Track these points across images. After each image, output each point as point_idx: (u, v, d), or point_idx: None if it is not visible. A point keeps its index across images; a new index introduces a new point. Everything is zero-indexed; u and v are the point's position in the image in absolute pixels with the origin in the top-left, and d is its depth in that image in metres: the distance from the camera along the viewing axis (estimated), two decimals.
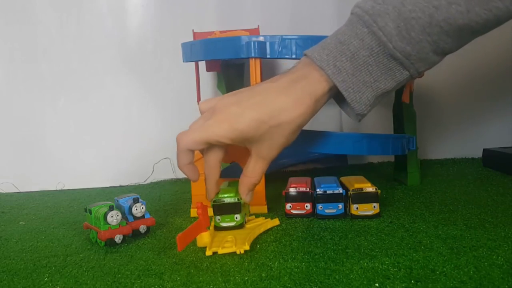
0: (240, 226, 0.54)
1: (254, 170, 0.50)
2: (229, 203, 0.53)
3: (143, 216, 0.56)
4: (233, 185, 0.56)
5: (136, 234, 0.55)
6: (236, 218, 0.54)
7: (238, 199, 0.53)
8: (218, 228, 0.54)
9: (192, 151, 0.48)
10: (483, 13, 0.43)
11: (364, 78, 0.46)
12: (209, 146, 0.48)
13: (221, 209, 0.54)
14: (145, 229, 0.56)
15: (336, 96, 0.50)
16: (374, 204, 0.58)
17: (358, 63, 0.46)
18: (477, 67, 0.95)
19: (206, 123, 0.47)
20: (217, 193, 0.54)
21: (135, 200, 0.56)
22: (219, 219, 0.54)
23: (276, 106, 0.46)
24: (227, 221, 0.54)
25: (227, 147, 0.49)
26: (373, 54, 0.45)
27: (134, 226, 0.55)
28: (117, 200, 0.57)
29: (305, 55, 0.49)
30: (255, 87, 0.49)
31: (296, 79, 0.47)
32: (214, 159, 0.49)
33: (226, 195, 0.54)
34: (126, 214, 0.56)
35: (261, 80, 0.62)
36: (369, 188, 0.59)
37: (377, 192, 0.58)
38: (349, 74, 0.46)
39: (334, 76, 0.46)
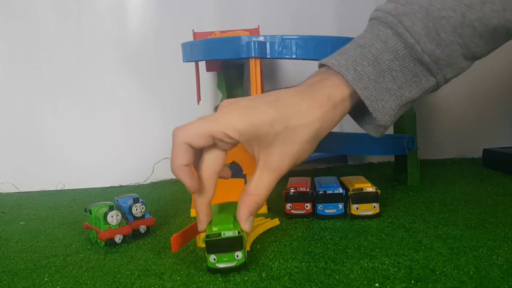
0: (242, 266, 0.42)
1: (258, 186, 0.41)
2: (228, 238, 0.41)
3: (143, 216, 0.56)
4: (227, 209, 0.46)
5: (136, 234, 0.55)
6: (237, 256, 0.42)
7: (238, 232, 0.41)
8: (212, 270, 0.42)
9: (191, 148, 0.40)
10: None
11: (387, 85, 0.41)
12: (208, 149, 0.41)
13: (218, 246, 0.41)
14: (145, 229, 0.56)
15: (352, 109, 0.45)
16: (374, 204, 0.58)
17: (381, 68, 0.41)
18: (477, 67, 0.94)
19: (213, 115, 0.40)
20: (209, 223, 0.43)
21: (135, 200, 0.56)
22: (214, 259, 0.42)
23: (291, 107, 0.40)
24: (226, 261, 0.42)
25: (227, 153, 0.42)
26: (398, 57, 0.41)
27: (134, 226, 0.55)
28: (117, 200, 0.57)
29: (320, 65, 0.44)
30: (270, 92, 0.43)
31: (312, 83, 0.42)
32: (211, 168, 0.41)
33: (222, 226, 0.42)
34: (126, 214, 0.56)
35: (261, 80, 0.62)
36: (369, 188, 0.59)
37: (377, 192, 0.58)
38: (371, 80, 0.41)
39: (355, 82, 0.41)
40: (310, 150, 0.42)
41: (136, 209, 0.56)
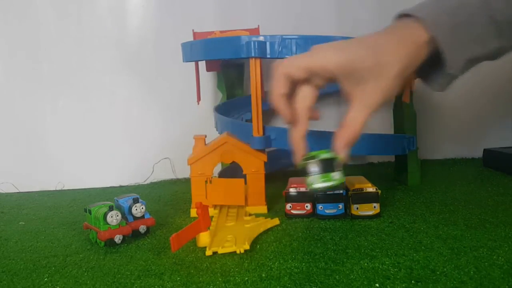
0: (340, 186, 0.47)
1: (355, 119, 0.43)
2: (325, 159, 0.45)
3: (143, 216, 0.56)
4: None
5: (136, 234, 0.55)
6: (334, 177, 0.44)
7: (335, 155, 0.45)
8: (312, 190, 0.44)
9: (290, 79, 0.43)
10: None
11: (461, 37, 0.43)
12: (303, 85, 0.44)
13: (318, 165, 0.45)
14: (145, 229, 0.56)
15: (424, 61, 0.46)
16: (375, 204, 0.58)
17: (458, 20, 0.42)
18: (477, 67, 0.94)
19: (311, 51, 0.43)
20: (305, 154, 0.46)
21: (135, 200, 0.56)
22: (311, 181, 0.44)
23: (380, 45, 0.43)
24: (323, 181, 0.44)
25: (318, 91, 0.45)
26: (474, 13, 0.42)
27: (134, 226, 0.55)
28: (117, 200, 0.57)
29: (397, 16, 0.45)
30: (354, 38, 0.45)
31: (395, 28, 0.44)
32: (305, 102, 0.45)
33: (318, 152, 0.46)
34: (126, 214, 0.56)
35: (261, 80, 0.62)
36: (370, 188, 0.59)
37: (378, 192, 0.58)
38: (449, 29, 0.42)
39: (434, 28, 0.42)
40: (398, 86, 0.44)
41: (136, 209, 0.56)
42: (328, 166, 0.45)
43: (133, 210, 0.55)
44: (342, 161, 0.46)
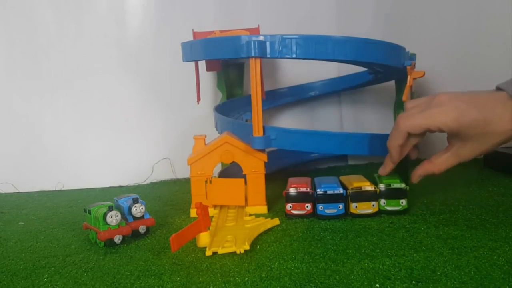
0: (405, 211, 0.59)
1: (443, 163, 0.54)
2: (398, 188, 0.59)
3: (142, 217, 0.56)
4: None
5: (135, 234, 0.55)
6: (402, 203, 0.59)
7: (405, 186, 0.60)
8: (381, 212, 0.59)
9: (409, 134, 0.54)
10: None
11: None
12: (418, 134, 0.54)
13: (388, 193, 0.59)
14: (145, 230, 0.56)
15: None
16: (373, 202, 0.58)
17: None
18: (478, 67, 0.94)
19: (430, 111, 0.52)
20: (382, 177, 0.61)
21: (135, 201, 0.56)
22: (384, 203, 0.59)
23: (496, 115, 0.50)
24: (393, 205, 0.59)
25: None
26: None
27: (134, 226, 0.55)
28: (116, 201, 0.57)
29: (496, 88, 0.53)
30: (474, 93, 0.53)
31: (498, 97, 0.51)
32: (412, 143, 0.57)
33: (391, 180, 0.60)
34: (126, 215, 0.56)
35: (261, 80, 0.61)
36: (368, 187, 0.59)
37: (376, 191, 0.58)
38: None
39: None
40: (493, 148, 0.52)
41: (136, 210, 0.55)
42: (398, 193, 0.59)
43: (133, 210, 0.55)
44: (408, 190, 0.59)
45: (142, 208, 0.56)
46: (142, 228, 0.56)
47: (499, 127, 0.50)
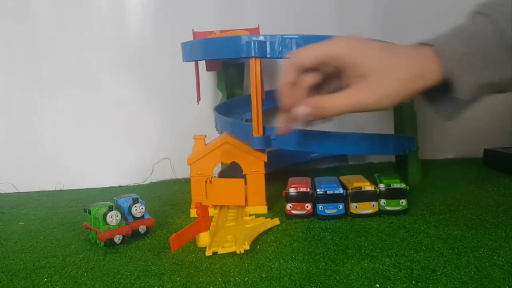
0: (405, 211, 0.59)
1: (332, 101, 0.44)
2: (397, 188, 0.59)
3: (142, 217, 0.56)
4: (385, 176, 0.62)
5: (135, 234, 0.55)
6: (402, 203, 0.59)
7: (405, 185, 0.59)
8: (381, 212, 0.59)
9: (301, 69, 0.45)
10: None
11: (473, 63, 0.44)
12: (312, 71, 0.46)
13: (388, 193, 0.59)
14: (145, 230, 0.56)
15: (429, 92, 0.47)
16: (373, 202, 0.58)
17: (471, 47, 0.43)
18: None
19: (326, 42, 0.45)
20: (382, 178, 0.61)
21: (135, 201, 0.56)
22: (384, 203, 0.59)
23: (396, 50, 0.45)
24: (393, 205, 0.59)
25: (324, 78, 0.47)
26: (486, 40, 0.43)
27: (134, 226, 0.55)
28: (116, 201, 0.57)
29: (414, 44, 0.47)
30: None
31: (411, 46, 0.45)
32: (307, 82, 0.46)
33: (391, 180, 0.59)
34: (126, 215, 0.55)
35: (261, 80, 0.61)
36: (368, 187, 0.59)
37: (376, 191, 0.58)
38: (461, 54, 0.44)
39: (445, 53, 0.44)
40: (396, 96, 0.44)
41: (136, 210, 0.55)
42: (398, 193, 0.58)
43: (133, 210, 0.55)
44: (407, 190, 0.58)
45: (142, 208, 0.56)
46: (142, 228, 0.56)
47: (406, 66, 0.44)
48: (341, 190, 0.59)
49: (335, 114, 0.45)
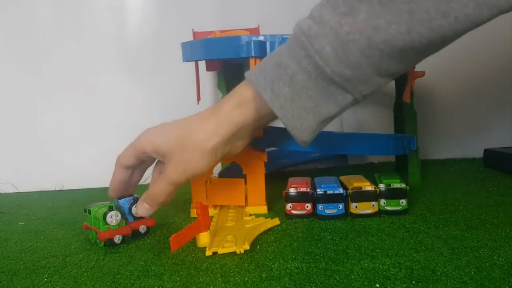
0: (405, 211, 0.59)
1: (156, 190, 0.52)
2: (397, 188, 0.59)
3: (143, 217, 0.56)
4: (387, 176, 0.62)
5: (136, 234, 0.55)
6: (402, 203, 0.59)
7: (405, 185, 0.59)
8: (381, 212, 0.59)
9: (128, 169, 0.55)
10: (426, 32, 0.39)
11: (304, 104, 0.43)
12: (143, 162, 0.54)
13: (388, 193, 0.59)
14: (145, 230, 0.56)
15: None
16: (373, 202, 0.58)
17: (297, 88, 0.43)
18: (478, 67, 0.94)
19: (139, 136, 0.54)
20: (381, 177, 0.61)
21: (135, 200, 0.56)
22: (384, 203, 0.59)
23: (190, 124, 0.50)
24: (393, 205, 0.59)
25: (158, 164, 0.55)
26: (311, 78, 0.42)
27: (134, 226, 0.55)
28: (117, 201, 0.57)
29: (245, 77, 0.47)
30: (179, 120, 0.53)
31: (231, 97, 0.48)
32: (137, 178, 0.57)
33: (391, 180, 0.60)
34: (126, 215, 0.55)
35: None
36: (368, 187, 0.59)
37: (376, 191, 0.58)
38: (288, 100, 0.43)
39: (272, 102, 0.44)
40: (211, 160, 0.49)
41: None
42: (398, 193, 0.58)
43: (133, 210, 0.55)
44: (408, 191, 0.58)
45: None
46: (142, 228, 0.56)
47: (197, 139, 0.48)
48: (341, 190, 0.59)
49: (164, 197, 0.52)
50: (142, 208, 0.52)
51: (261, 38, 0.60)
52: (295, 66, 0.43)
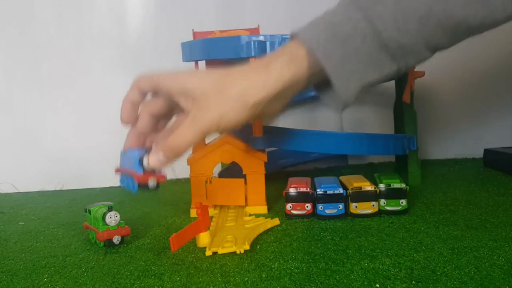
0: (405, 211, 0.59)
1: (181, 134, 0.44)
2: (397, 188, 0.59)
3: (153, 171, 0.49)
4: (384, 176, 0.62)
5: (143, 187, 0.48)
6: (402, 203, 0.58)
7: (405, 186, 0.59)
8: (381, 212, 0.59)
9: (141, 91, 0.48)
10: (480, 8, 0.41)
11: (353, 66, 0.43)
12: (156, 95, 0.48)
13: (388, 193, 0.59)
14: (155, 185, 0.49)
15: (316, 83, 0.47)
16: (373, 202, 0.58)
17: (349, 50, 0.42)
18: (478, 67, 0.94)
19: (172, 72, 0.47)
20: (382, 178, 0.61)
21: (148, 152, 0.48)
22: (384, 203, 0.59)
23: (232, 74, 0.44)
24: (393, 205, 0.59)
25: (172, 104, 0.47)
26: (365, 41, 0.42)
27: (142, 179, 0.48)
28: (125, 152, 0.52)
29: (292, 36, 0.45)
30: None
31: (281, 53, 0.44)
32: (150, 107, 0.49)
33: (391, 180, 0.59)
34: (135, 166, 0.49)
35: None
36: (368, 187, 0.59)
37: (376, 190, 0.58)
38: (339, 60, 0.42)
39: (324, 60, 0.42)
40: (244, 114, 0.44)
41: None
42: (398, 193, 0.58)
43: (145, 161, 0.48)
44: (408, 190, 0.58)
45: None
46: (152, 181, 0.49)
47: (241, 89, 0.43)
48: (341, 190, 0.59)
49: (187, 146, 0.44)
50: (156, 159, 0.46)
51: (261, 38, 0.60)
52: (351, 28, 0.42)
